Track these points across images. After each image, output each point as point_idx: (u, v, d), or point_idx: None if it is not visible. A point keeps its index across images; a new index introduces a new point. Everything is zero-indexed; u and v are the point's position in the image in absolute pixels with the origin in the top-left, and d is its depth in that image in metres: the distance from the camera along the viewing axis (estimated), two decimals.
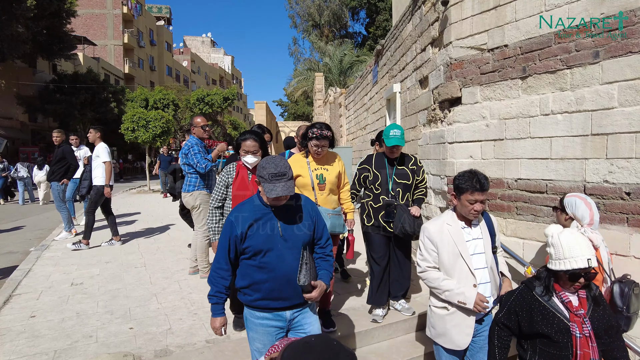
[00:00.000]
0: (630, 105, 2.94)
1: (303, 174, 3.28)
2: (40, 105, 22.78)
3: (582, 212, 2.64)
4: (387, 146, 3.46)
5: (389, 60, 7.27)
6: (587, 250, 1.94)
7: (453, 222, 2.41)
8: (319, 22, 37.91)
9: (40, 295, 4.32)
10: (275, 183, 2.00)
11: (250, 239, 2.09)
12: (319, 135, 3.17)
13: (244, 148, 3.07)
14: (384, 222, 3.52)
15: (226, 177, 3.21)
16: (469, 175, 2.32)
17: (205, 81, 55.68)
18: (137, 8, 36.71)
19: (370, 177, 3.56)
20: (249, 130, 3.30)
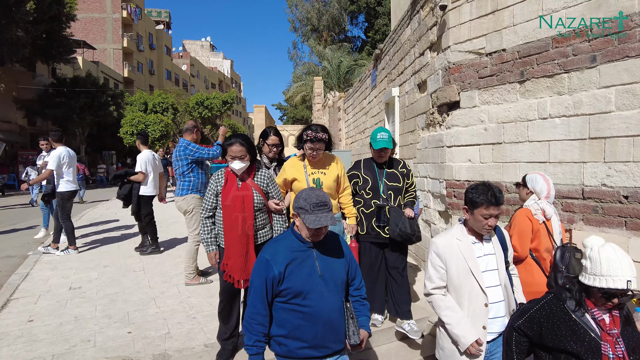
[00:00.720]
0: (627, 109, 2.95)
1: (299, 178, 3.18)
2: (40, 109, 22.80)
3: (540, 186, 2.92)
4: (375, 149, 3.35)
5: (387, 65, 7.30)
6: (629, 270, 1.77)
7: (463, 236, 2.27)
8: (318, 27, 38.02)
9: (38, 299, 4.31)
10: (317, 214, 1.89)
11: (289, 280, 1.91)
12: (313, 138, 3.03)
13: (231, 153, 2.88)
14: (378, 228, 3.37)
15: (215, 185, 3.00)
16: (483, 189, 2.19)
17: (204, 85, 55.78)
18: (136, 12, 36.83)
19: (360, 181, 3.42)
20: (236, 134, 3.14)
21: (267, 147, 3.64)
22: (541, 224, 2.83)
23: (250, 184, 2.95)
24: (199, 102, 27.47)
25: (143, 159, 6.10)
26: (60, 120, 22.78)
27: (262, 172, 3.05)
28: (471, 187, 2.25)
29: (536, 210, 2.85)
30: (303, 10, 38.94)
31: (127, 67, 35.83)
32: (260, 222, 3.01)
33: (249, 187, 2.93)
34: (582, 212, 3.25)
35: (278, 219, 3.11)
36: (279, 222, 3.11)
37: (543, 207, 2.85)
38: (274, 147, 3.64)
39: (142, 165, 6.06)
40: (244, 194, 2.90)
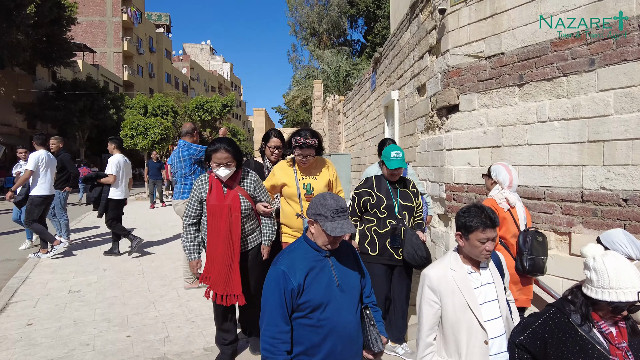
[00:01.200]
0: (626, 112, 2.96)
1: (289, 183, 3.06)
2: (39, 112, 22.82)
3: (503, 176, 3.10)
4: (389, 169, 3.11)
5: (387, 68, 7.32)
6: (638, 280, 1.70)
7: (458, 266, 2.07)
8: (318, 30, 38.16)
9: (37, 303, 4.30)
10: (338, 220, 1.79)
11: (309, 292, 1.79)
12: (302, 144, 2.89)
13: (215, 160, 2.73)
14: (392, 249, 3.14)
15: (199, 191, 2.86)
16: (475, 211, 2.02)
17: (204, 88, 55.87)
18: (136, 16, 36.93)
19: (373, 200, 3.17)
20: (219, 138, 2.94)
21: (269, 150, 3.60)
22: (506, 212, 3.01)
23: (237, 190, 2.84)
24: (198, 105, 27.48)
25: (114, 162, 6.17)
26: (60, 124, 22.81)
27: (249, 176, 2.95)
28: (462, 211, 2.08)
29: (500, 200, 3.03)
30: (303, 13, 39.10)
31: (127, 70, 35.89)
32: (250, 227, 2.95)
33: (235, 194, 2.81)
34: (582, 215, 3.25)
35: (267, 222, 3.07)
36: (268, 225, 3.06)
37: (506, 196, 3.04)
38: (276, 149, 3.59)
39: (113, 168, 6.11)
40: (230, 202, 2.77)
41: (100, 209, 6.22)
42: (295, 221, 3.06)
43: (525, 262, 2.89)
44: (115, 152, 6.35)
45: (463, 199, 4.26)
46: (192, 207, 2.87)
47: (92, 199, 6.19)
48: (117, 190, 6.17)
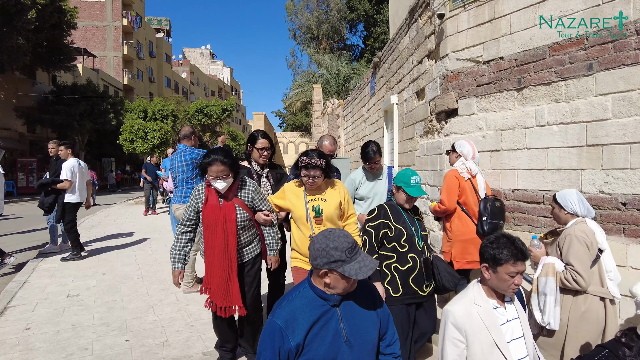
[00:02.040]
0: (624, 116, 2.97)
1: (298, 206, 2.90)
2: (39, 116, 22.84)
3: (467, 149, 3.49)
4: (411, 197, 2.78)
5: (386, 72, 7.35)
6: None
7: (483, 301, 1.91)
8: (317, 35, 38.33)
9: (35, 307, 4.28)
10: (357, 258, 1.56)
11: (309, 352, 1.54)
12: (307, 164, 2.73)
13: (211, 173, 2.65)
14: (416, 286, 2.77)
15: (195, 201, 2.80)
16: (505, 242, 1.87)
17: (204, 92, 55.99)
18: (137, 20, 37.05)
19: (392, 232, 2.76)
20: (215, 148, 2.83)
21: (256, 152, 3.39)
22: (467, 181, 3.38)
23: (234, 200, 2.76)
24: (198, 109, 27.59)
25: (69, 167, 6.23)
26: (60, 128, 22.82)
27: (247, 186, 2.85)
28: (490, 241, 1.93)
29: (462, 170, 3.41)
30: (303, 18, 39.29)
31: (127, 74, 35.97)
32: (246, 239, 2.87)
33: (231, 205, 2.74)
34: None
35: (269, 231, 2.96)
36: (270, 234, 2.97)
37: (469, 166, 3.41)
38: (264, 151, 3.37)
39: (67, 173, 6.17)
40: (225, 213, 2.70)
41: (57, 214, 6.29)
42: (306, 245, 2.79)
43: (485, 226, 3.21)
44: (70, 157, 6.41)
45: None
46: (188, 215, 2.82)
47: (46, 204, 6.18)
48: (73, 195, 6.26)
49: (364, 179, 3.74)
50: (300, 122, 39.49)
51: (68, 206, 6.22)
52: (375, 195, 3.71)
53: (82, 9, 30.98)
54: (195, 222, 2.84)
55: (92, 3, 34.74)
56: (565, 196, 2.66)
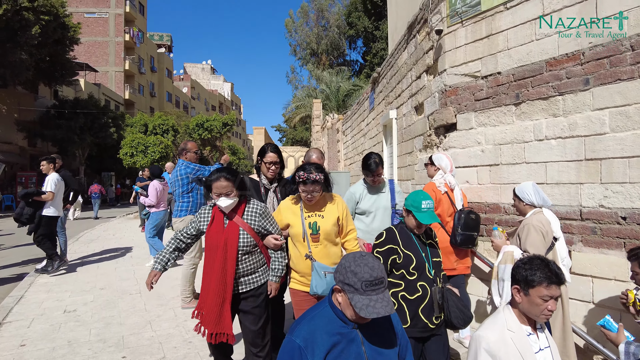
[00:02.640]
0: (621, 130, 2.99)
1: (294, 223, 2.77)
2: (40, 131, 22.96)
3: (445, 163, 3.66)
4: (422, 223, 2.55)
5: (385, 87, 7.41)
6: None
7: (516, 326, 1.82)
8: (317, 51, 38.82)
9: (31, 322, 4.23)
10: (371, 295, 1.46)
11: None
12: (306, 179, 2.62)
13: (215, 190, 2.55)
14: (427, 318, 2.54)
15: (198, 222, 2.70)
16: (539, 263, 1.78)
17: (204, 107, 56.38)
18: (139, 36, 37.54)
19: (400, 259, 2.57)
20: (220, 167, 2.73)
21: (265, 166, 3.32)
22: (444, 194, 3.54)
23: (238, 222, 2.60)
24: (199, 124, 27.71)
25: (53, 180, 6.29)
26: (61, 142, 22.91)
27: (253, 206, 2.68)
28: (522, 262, 1.86)
29: (440, 183, 3.57)
30: (302, 34, 39.86)
31: (129, 89, 36.28)
32: (249, 267, 2.65)
33: (235, 227, 2.59)
34: (581, 233, 3.24)
35: (277, 256, 2.75)
36: (278, 259, 2.75)
37: (448, 179, 3.60)
38: (272, 165, 3.29)
39: (52, 185, 6.22)
40: (227, 236, 2.55)
41: (32, 226, 6.23)
42: (303, 264, 2.74)
43: (457, 237, 3.40)
44: (51, 172, 6.45)
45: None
46: (188, 229, 2.71)
47: (25, 216, 6.11)
48: (51, 208, 6.26)
49: (365, 193, 3.59)
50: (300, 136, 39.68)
51: (45, 219, 6.21)
52: (378, 209, 3.54)
53: (85, 24, 31.46)
54: (191, 238, 2.73)
55: (95, 19, 35.27)
56: (523, 189, 2.93)
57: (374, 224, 3.47)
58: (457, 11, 4.25)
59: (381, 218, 3.50)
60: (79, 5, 34.71)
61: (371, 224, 3.46)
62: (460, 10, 4.22)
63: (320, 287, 2.65)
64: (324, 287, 2.64)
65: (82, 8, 34.76)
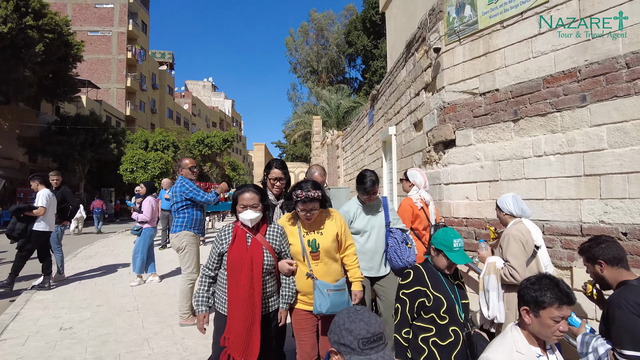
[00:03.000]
0: (619, 146, 3.01)
1: (292, 242, 2.73)
2: (41, 146, 23.06)
3: (419, 180, 3.86)
4: (454, 263, 2.41)
5: (384, 104, 7.48)
6: None
7: (525, 348, 1.76)
8: (317, 69, 39.35)
9: (26, 340, 4.17)
10: (370, 355, 1.33)
11: None
12: (304, 199, 2.58)
13: (242, 202, 2.52)
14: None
15: (220, 243, 2.58)
16: (548, 283, 1.73)
17: (205, 124, 56.76)
18: (141, 54, 38.06)
19: (430, 302, 2.39)
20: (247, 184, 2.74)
21: (270, 182, 3.28)
22: (420, 210, 3.73)
23: (261, 240, 2.56)
24: (199, 140, 27.89)
25: (45, 195, 6.32)
26: (61, 157, 22.99)
27: (275, 227, 2.67)
28: (530, 282, 1.79)
29: (416, 199, 3.76)
30: (303, 52, 40.47)
31: (130, 105, 36.59)
32: (269, 288, 2.59)
33: (259, 244, 2.53)
34: None
35: (288, 282, 2.68)
36: (289, 285, 2.67)
37: (423, 196, 3.79)
38: (277, 181, 3.27)
39: (43, 201, 6.25)
40: (252, 253, 2.48)
41: (22, 241, 6.20)
42: (304, 283, 2.69)
43: None
44: (41, 188, 6.49)
45: (462, 234, 4.24)
46: (211, 259, 2.60)
47: (17, 231, 6.08)
48: (42, 223, 6.27)
49: (359, 211, 3.39)
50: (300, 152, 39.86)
51: (35, 234, 6.20)
52: (373, 228, 3.38)
53: (88, 42, 31.93)
54: (217, 267, 2.60)
55: (98, 37, 35.81)
56: (503, 200, 3.08)
57: (368, 244, 3.32)
58: (455, 30, 4.33)
59: (376, 237, 3.34)
60: (83, 24, 35.30)
61: (366, 243, 3.31)
62: (457, 29, 4.30)
63: (324, 305, 2.59)
64: (328, 306, 2.58)
65: (86, 27, 35.33)
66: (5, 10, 16.35)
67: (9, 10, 16.47)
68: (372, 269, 3.28)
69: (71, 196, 7.09)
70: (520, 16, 3.72)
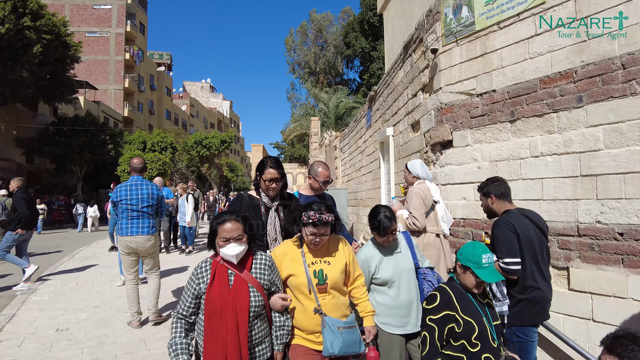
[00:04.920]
0: (615, 147, 3.02)
1: (296, 272, 2.34)
2: (39, 148, 22.99)
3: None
4: (483, 280, 2.21)
5: (381, 105, 7.49)
6: None
7: None
8: (315, 70, 39.39)
9: (22, 342, 4.15)
10: None
11: None
12: (316, 221, 2.26)
13: (223, 234, 2.09)
14: None
15: (197, 282, 2.11)
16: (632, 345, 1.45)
17: (203, 125, 56.70)
18: (139, 55, 38.00)
19: (459, 327, 2.18)
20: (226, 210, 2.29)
21: (264, 184, 2.89)
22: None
23: (247, 278, 2.13)
24: (197, 141, 27.84)
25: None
26: (59, 159, 22.93)
27: (262, 258, 2.24)
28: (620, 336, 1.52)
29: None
30: (301, 53, 40.53)
31: (128, 106, 36.51)
32: (259, 335, 2.14)
33: (244, 283, 2.10)
34: (579, 249, 3.24)
35: (280, 319, 2.26)
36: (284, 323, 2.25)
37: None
38: (272, 182, 2.86)
39: None
40: (237, 294, 2.05)
41: None
42: (309, 320, 2.31)
43: None
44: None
45: (460, 234, 4.25)
46: (185, 302, 2.11)
47: None
48: None
49: (381, 258, 2.76)
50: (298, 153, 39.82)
51: None
52: (401, 275, 2.74)
53: (86, 43, 31.86)
54: (195, 312, 2.12)
55: (96, 38, 35.75)
56: (413, 164, 3.88)
57: (401, 296, 2.69)
58: (452, 31, 4.34)
59: (407, 286, 2.73)
60: (81, 25, 35.23)
61: (397, 296, 2.69)
62: (455, 30, 4.31)
63: (336, 345, 2.24)
64: (340, 345, 2.25)
65: (83, 28, 35.26)
66: (3, 11, 16.30)
67: (7, 11, 16.41)
68: (407, 324, 2.68)
69: (20, 204, 6.81)
70: (517, 17, 3.73)
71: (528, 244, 2.69)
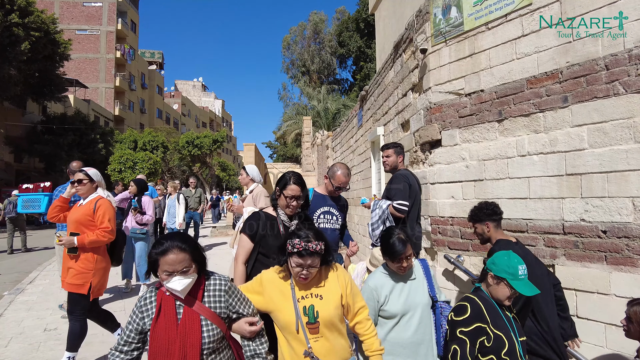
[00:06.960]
0: (599, 146, 3.07)
1: (282, 307, 2.04)
2: (28, 146, 22.73)
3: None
4: (518, 292, 2.07)
5: (372, 105, 7.52)
6: None
7: None
8: (310, 68, 39.43)
9: (9, 342, 4.11)
10: None
11: None
12: (301, 250, 1.98)
13: (166, 267, 1.78)
14: None
15: (140, 317, 1.85)
16: None
17: (195, 124, 56.42)
18: (130, 53, 37.70)
19: (490, 341, 2.03)
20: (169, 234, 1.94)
21: (284, 200, 2.60)
22: None
23: (199, 309, 1.85)
24: (189, 141, 27.68)
25: None
26: (48, 157, 22.69)
27: (215, 282, 1.94)
28: None
29: None
30: (296, 51, 40.55)
31: (119, 105, 36.22)
32: None
33: (195, 317, 1.83)
34: (564, 247, 3.29)
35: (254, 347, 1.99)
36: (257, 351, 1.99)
37: None
38: (293, 200, 2.58)
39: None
40: (185, 331, 1.80)
41: None
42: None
43: None
44: None
45: (448, 232, 4.29)
46: (126, 337, 1.85)
47: None
48: None
49: (392, 287, 2.42)
50: (290, 152, 39.81)
51: None
52: (414, 309, 2.39)
53: (76, 41, 31.55)
54: (137, 348, 1.87)
55: (87, 36, 35.41)
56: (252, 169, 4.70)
57: (408, 333, 2.35)
58: (441, 31, 4.38)
59: (418, 321, 2.37)
60: (71, 22, 34.87)
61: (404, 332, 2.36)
62: (444, 30, 4.35)
63: None
64: None
65: (73, 25, 34.91)
66: None
67: None
68: None
69: None
70: (505, 18, 3.77)
71: None
